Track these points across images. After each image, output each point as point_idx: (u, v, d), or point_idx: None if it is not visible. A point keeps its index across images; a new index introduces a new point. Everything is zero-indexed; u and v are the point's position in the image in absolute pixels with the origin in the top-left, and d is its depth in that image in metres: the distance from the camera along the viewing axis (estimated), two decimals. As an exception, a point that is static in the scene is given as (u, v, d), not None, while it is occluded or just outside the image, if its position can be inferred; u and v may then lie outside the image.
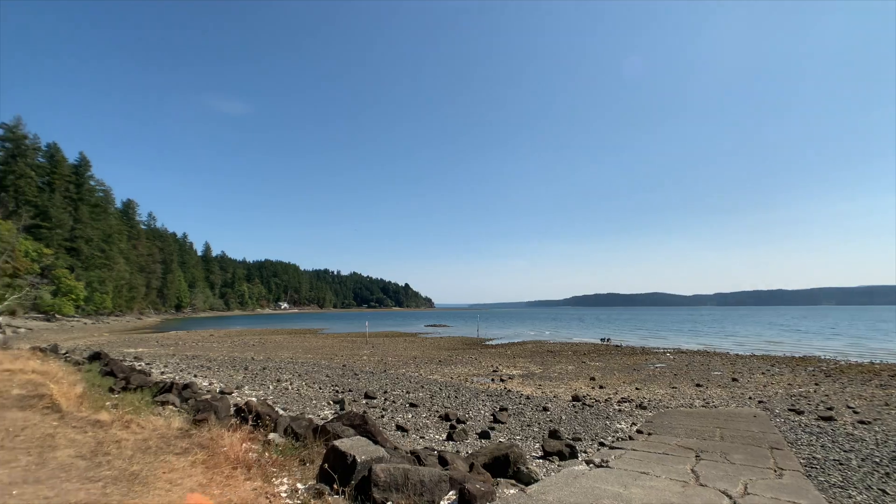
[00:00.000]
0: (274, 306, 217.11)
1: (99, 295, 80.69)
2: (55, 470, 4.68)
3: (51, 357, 14.57)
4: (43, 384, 8.41)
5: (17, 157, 73.77)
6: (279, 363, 25.44)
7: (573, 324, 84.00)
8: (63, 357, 16.33)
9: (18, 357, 12.52)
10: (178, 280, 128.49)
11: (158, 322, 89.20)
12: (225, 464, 5.00)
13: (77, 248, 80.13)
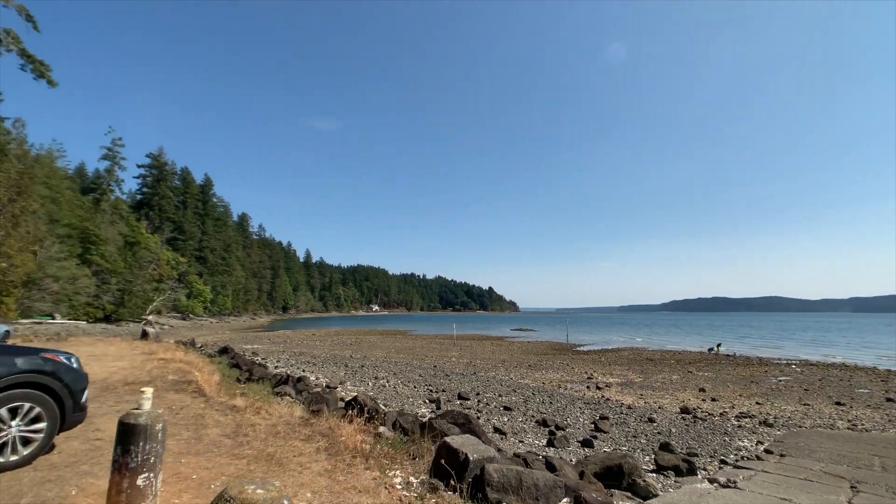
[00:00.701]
0: (366, 308, 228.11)
1: (221, 297, 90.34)
2: (208, 445, 5.32)
3: (190, 350, 16.65)
4: (189, 372, 9.61)
5: (160, 182, 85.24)
6: (375, 362, 26.64)
7: (670, 330, 78.13)
8: (199, 350, 18.59)
9: (168, 349, 14.45)
10: (284, 284, 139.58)
11: (268, 322, 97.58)
12: (345, 452, 5.31)
13: (204, 256, 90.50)
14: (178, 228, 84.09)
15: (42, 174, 48.51)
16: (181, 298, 72.79)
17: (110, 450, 5.08)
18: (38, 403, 4.49)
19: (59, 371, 4.68)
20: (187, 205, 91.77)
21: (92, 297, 52.45)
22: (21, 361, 4.47)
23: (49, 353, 4.77)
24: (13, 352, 4.57)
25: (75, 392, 4.79)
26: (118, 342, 17.66)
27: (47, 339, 17.48)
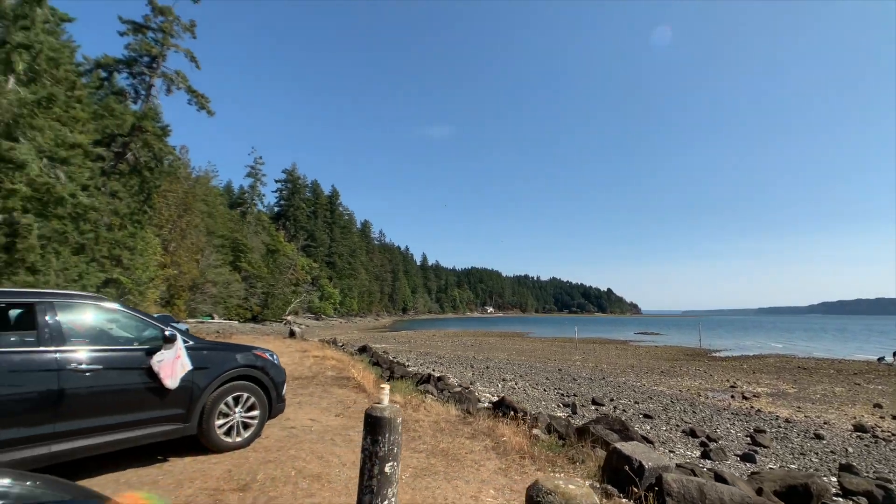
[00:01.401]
0: (481, 310, 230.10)
1: (348, 299, 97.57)
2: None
3: (335, 348, 18.02)
4: (344, 369, 10.27)
5: (294, 194, 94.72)
6: (498, 363, 26.60)
7: (817, 336, 66.92)
8: (340, 348, 20.08)
9: (317, 347, 15.74)
10: (403, 287, 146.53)
11: (391, 322, 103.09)
12: (512, 452, 5.14)
13: (333, 261, 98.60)
14: (310, 236, 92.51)
15: (201, 193, 56.47)
16: (314, 300, 79.95)
17: (306, 437, 5.53)
18: (253, 393, 5.21)
19: (266, 366, 5.38)
20: (318, 214, 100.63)
21: (242, 299, 59.79)
22: (240, 357, 5.20)
23: (258, 350, 5.51)
24: (233, 348, 5.33)
25: (278, 385, 5.47)
26: (272, 340, 19.81)
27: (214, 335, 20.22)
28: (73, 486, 1.93)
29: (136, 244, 29.28)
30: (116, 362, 4.17)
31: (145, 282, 32.17)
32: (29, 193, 13.52)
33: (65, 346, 3.94)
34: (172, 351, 4.46)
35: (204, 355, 4.83)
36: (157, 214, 41.54)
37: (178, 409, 4.54)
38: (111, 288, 25.77)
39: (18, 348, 3.79)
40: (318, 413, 6.80)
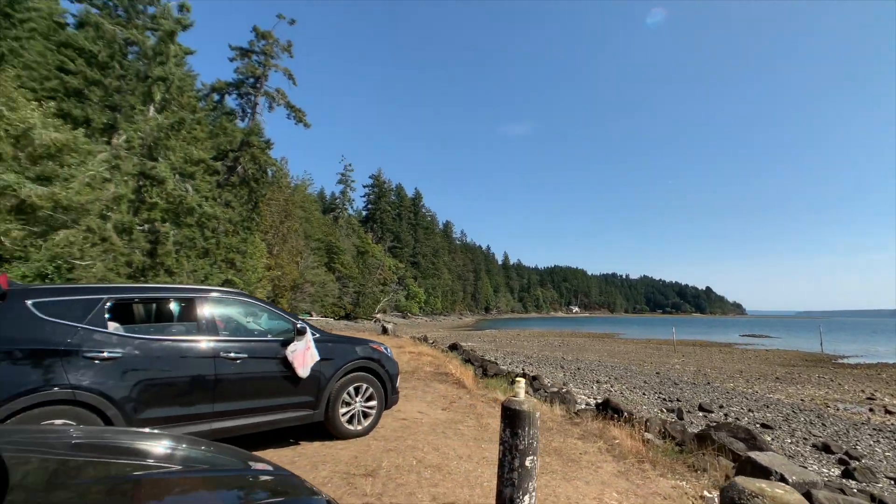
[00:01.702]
0: (565, 310, 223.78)
1: (433, 298, 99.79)
2: (495, 435, 5.62)
3: (426, 345, 18.63)
4: (441, 365, 10.62)
5: (381, 198, 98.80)
6: (589, 365, 25.81)
7: None
8: (432, 345, 20.72)
9: (411, 343, 16.38)
10: (485, 286, 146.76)
11: (474, 321, 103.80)
12: (629, 456, 5.04)
13: (417, 262, 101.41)
14: (396, 238, 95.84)
15: (299, 200, 60.66)
16: (401, 299, 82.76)
17: (418, 428, 5.85)
18: (371, 385, 5.60)
19: (381, 359, 5.75)
20: (402, 216, 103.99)
21: (336, 298, 63.38)
22: (359, 349, 5.60)
23: (374, 344, 5.89)
24: (352, 341, 5.75)
25: (392, 377, 5.82)
26: (368, 336, 20.89)
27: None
28: (241, 452, 2.14)
29: (246, 248, 32.25)
30: (258, 352, 4.68)
31: (254, 282, 35.28)
32: (165, 206, 15.56)
33: (218, 336, 4.50)
34: (303, 342, 4.90)
35: (329, 347, 5.24)
36: (262, 221, 45.21)
37: (309, 396, 4.98)
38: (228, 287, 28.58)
39: (184, 336, 4.39)
40: (425, 406, 7.13)
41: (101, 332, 3.87)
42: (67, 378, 3.55)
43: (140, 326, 4.62)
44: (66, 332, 3.69)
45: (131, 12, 23.17)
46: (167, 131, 15.52)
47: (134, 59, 21.72)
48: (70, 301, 3.84)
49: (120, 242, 13.36)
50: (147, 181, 14.95)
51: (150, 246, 14.85)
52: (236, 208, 33.28)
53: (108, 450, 1.83)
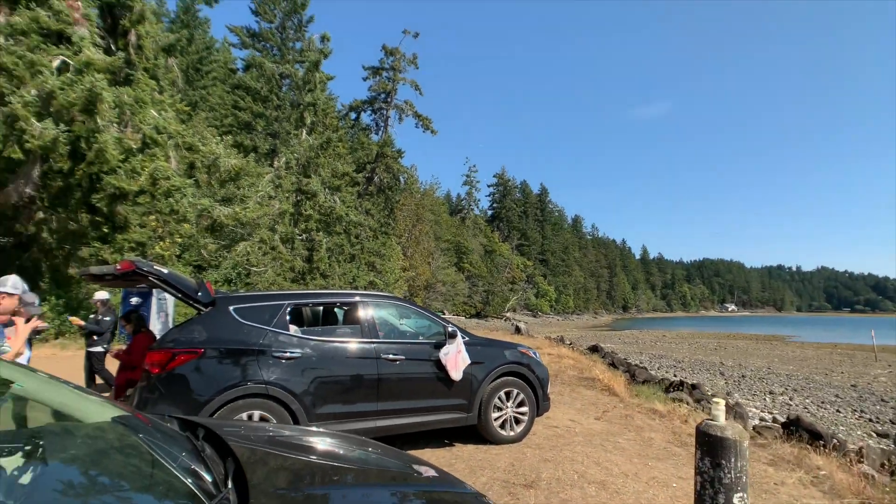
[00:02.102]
0: (719, 308, 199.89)
1: (564, 297, 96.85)
2: (663, 452, 5.12)
3: (563, 346, 17.98)
4: (585, 369, 10.08)
5: (506, 196, 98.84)
6: (757, 372, 22.62)
7: None
8: (570, 346, 19.96)
9: (548, 344, 15.92)
10: (622, 283, 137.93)
11: (610, 321, 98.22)
12: (847, 494, 4.14)
13: (546, 259, 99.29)
14: (522, 235, 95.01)
15: (429, 203, 63.30)
16: (531, 298, 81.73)
17: (572, 438, 5.54)
18: (522, 390, 5.45)
19: (531, 363, 5.59)
20: (528, 213, 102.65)
21: (466, 297, 64.84)
22: (508, 353, 5.50)
23: (523, 348, 5.75)
24: (501, 345, 5.67)
25: (543, 383, 5.62)
26: (502, 335, 20.84)
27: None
28: (405, 455, 2.20)
29: (385, 252, 34.58)
30: (414, 354, 4.85)
31: (392, 283, 37.69)
32: (318, 216, 17.33)
33: (378, 338, 4.75)
34: (455, 345, 4.94)
35: (479, 350, 5.22)
36: (397, 225, 48.17)
37: (462, 399, 5.02)
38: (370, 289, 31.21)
39: (349, 338, 4.69)
40: (575, 414, 6.77)
41: (284, 334, 4.33)
42: (261, 375, 4.04)
43: (312, 329, 5.03)
44: (258, 335, 4.20)
45: (283, 50, 26.38)
46: (317, 151, 17.31)
47: (287, 90, 24.74)
48: (260, 307, 4.37)
49: (285, 251, 15.27)
50: (303, 196, 16.85)
51: (308, 253, 16.75)
52: (375, 215, 35.98)
53: (297, 447, 2.01)
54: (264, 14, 28.31)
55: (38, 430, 1.42)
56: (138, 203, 11.96)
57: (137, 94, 11.02)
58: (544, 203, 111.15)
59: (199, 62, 42.83)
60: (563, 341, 22.31)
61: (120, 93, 10.42)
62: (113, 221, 12.47)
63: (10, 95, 9.20)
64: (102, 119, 9.60)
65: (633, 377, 12.66)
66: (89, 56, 9.64)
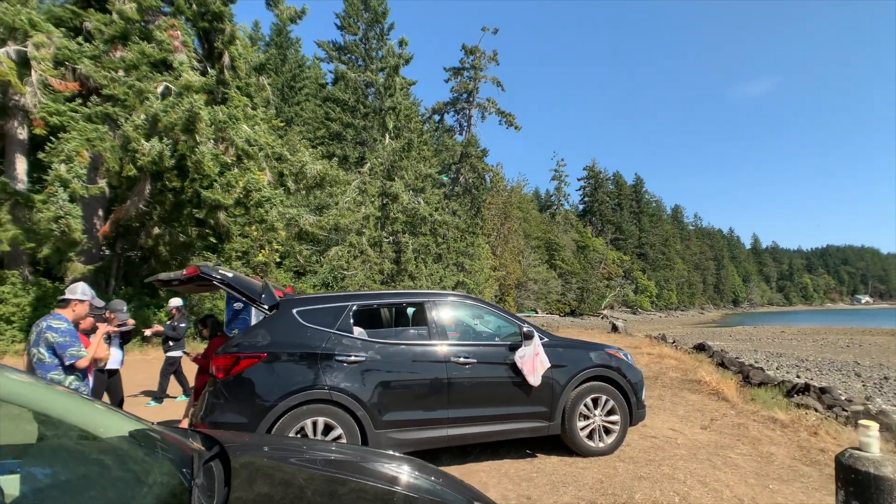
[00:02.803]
0: (850, 300, 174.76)
1: (666, 292, 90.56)
2: (786, 471, 4.39)
3: (664, 344, 16.63)
4: (689, 370, 9.14)
5: (597, 189, 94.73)
6: (905, 374, 19.23)
7: None
8: (672, 345, 18.43)
9: (648, 343, 14.80)
10: (731, 275, 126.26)
11: (719, 317, 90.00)
12: None
13: (644, 253, 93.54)
14: (617, 229, 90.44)
15: (516, 201, 62.49)
16: (629, 294, 77.47)
17: (673, 451, 4.97)
18: (612, 396, 4.92)
19: (622, 367, 5.03)
20: (622, 206, 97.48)
21: (559, 294, 63.06)
22: (594, 355, 5.00)
23: (611, 349, 5.20)
24: (585, 346, 5.17)
25: (636, 388, 5.04)
26: (597, 334, 19.82)
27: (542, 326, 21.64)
28: (469, 488, 2.02)
29: (473, 251, 34.64)
30: (487, 356, 4.54)
31: (482, 282, 37.64)
32: (404, 218, 17.76)
33: (448, 340, 4.50)
34: (532, 347, 4.57)
35: (560, 353, 4.80)
36: (485, 225, 48.15)
37: (542, 406, 4.63)
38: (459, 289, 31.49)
39: (416, 341, 4.50)
40: (677, 422, 6.05)
41: (348, 336, 4.24)
42: (325, 379, 3.96)
43: (378, 331, 4.92)
44: (321, 338, 4.14)
45: (367, 60, 27.48)
46: (399, 154, 17.77)
47: (373, 98, 25.77)
48: (324, 308, 4.31)
49: (373, 253, 15.85)
50: (387, 199, 17.38)
51: (395, 255, 17.25)
52: (461, 216, 36.24)
53: (355, 468, 1.91)
54: (348, 27, 29.73)
55: (45, 445, 1.44)
56: (236, 215, 13.08)
57: (231, 112, 12.01)
58: (640, 194, 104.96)
59: (292, 80, 46.16)
60: (666, 339, 20.57)
61: (215, 111, 11.42)
62: (218, 233, 13.78)
63: (124, 121, 10.46)
64: (201, 136, 10.56)
65: (747, 379, 11.28)
66: (187, 79, 10.68)
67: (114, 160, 10.71)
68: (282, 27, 49.09)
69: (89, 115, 10.88)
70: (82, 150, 10.71)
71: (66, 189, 10.59)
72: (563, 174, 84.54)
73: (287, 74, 46.02)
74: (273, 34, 48.41)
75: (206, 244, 14.56)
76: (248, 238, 15.16)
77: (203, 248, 14.50)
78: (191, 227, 13.76)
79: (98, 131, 10.75)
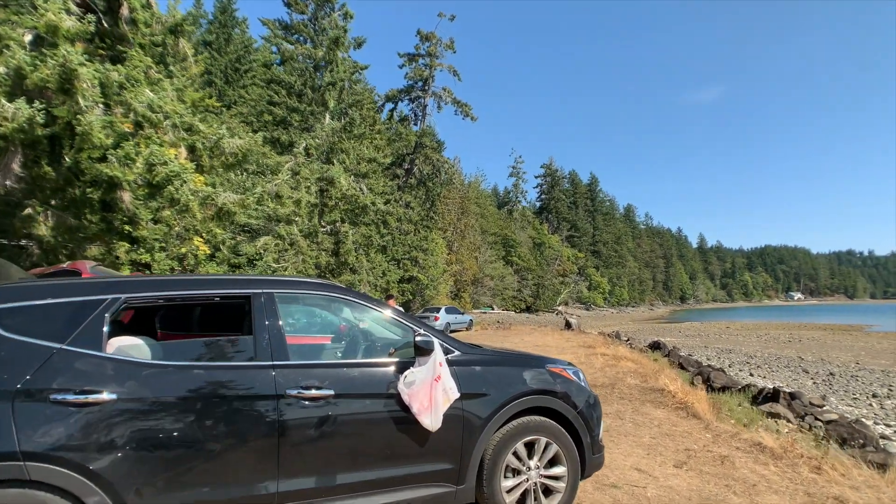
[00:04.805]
0: (784, 297, 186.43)
1: (618, 289, 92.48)
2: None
3: (619, 343, 15.80)
4: (647, 375, 8.07)
5: (554, 187, 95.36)
6: (845, 368, 19.56)
7: None
8: (627, 344, 17.63)
9: (602, 342, 13.86)
10: (679, 273, 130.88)
11: (668, 313, 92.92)
12: None
13: (598, 250, 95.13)
14: (572, 227, 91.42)
15: (473, 196, 61.68)
16: (583, 290, 78.39)
17: None
18: (554, 438, 3.26)
19: (570, 392, 3.39)
20: (578, 204, 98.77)
21: (515, 291, 62.80)
22: (530, 376, 3.31)
23: (555, 366, 3.53)
24: (517, 362, 3.47)
25: (591, 423, 3.42)
26: (550, 332, 18.86)
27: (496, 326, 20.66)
28: None
29: (428, 246, 33.19)
30: (352, 385, 2.79)
31: (437, 277, 36.32)
32: (344, 206, 16.09)
33: (285, 358, 2.71)
34: (428, 367, 2.83)
35: (476, 374, 3.12)
36: (440, 219, 46.81)
37: (445, 462, 2.94)
38: (410, 284, 30.02)
39: (231, 361, 2.81)
40: (643, 455, 4.66)
41: (89, 356, 2.37)
42: (19, 438, 2.11)
43: (158, 345, 2.99)
44: (30, 359, 2.29)
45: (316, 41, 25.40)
46: (339, 135, 16.08)
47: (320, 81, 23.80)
48: (49, 306, 2.44)
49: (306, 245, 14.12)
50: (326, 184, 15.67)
51: (334, 246, 15.57)
52: (415, 208, 34.71)
53: None
54: (295, 5, 27.48)
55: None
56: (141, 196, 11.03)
57: (129, 73, 10.03)
58: (594, 193, 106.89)
59: (237, 61, 43.03)
60: (620, 337, 19.67)
61: (108, 70, 9.43)
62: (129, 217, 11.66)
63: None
64: (84, 99, 8.60)
65: (709, 382, 10.44)
66: (50, 19, 8.51)
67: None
68: (226, 5, 45.87)
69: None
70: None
71: None
72: (520, 171, 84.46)
73: (231, 55, 42.90)
74: (217, 12, 45.10)
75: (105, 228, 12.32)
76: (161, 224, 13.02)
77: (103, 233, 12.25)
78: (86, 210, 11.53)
79: (-56, 86, 8.59)
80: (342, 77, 18.34)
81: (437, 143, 40.32)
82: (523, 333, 17.82)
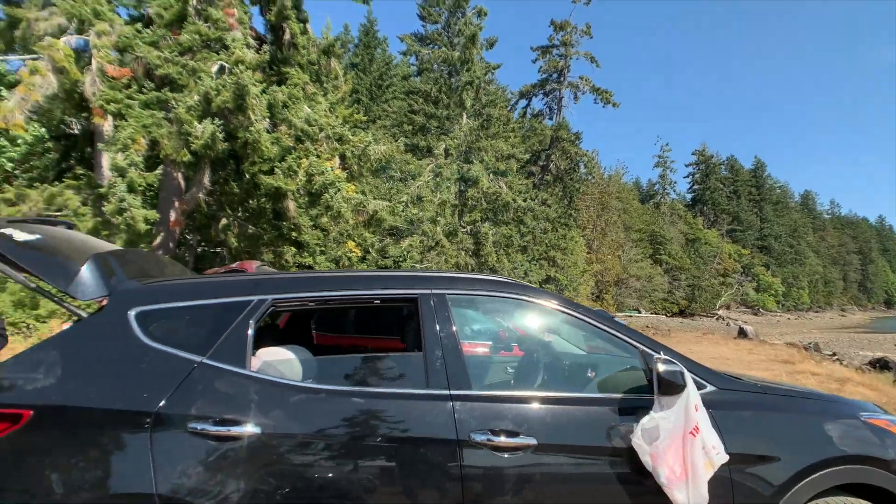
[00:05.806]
0: None
1: (795, 290, 79.01)
2: None
3: (822, 357, 12.78)
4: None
5: (708, 176, 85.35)
6: None
7: None
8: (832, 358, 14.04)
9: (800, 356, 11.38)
10: (881, 270, 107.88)
11: (867, 320, 76.77)
12: None
13: (767, 245, 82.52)
14: (734, 219, 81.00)
15: (615, 190, 57.84)
16: (749, 292, 68.59)
17: None
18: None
19: None
20: (739, 193, 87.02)
21: (666, 292, 57.30)
22: (836, 431, 2.20)
23: (874, 417, 2.36)
24: (810, 405, 2.38)
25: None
26: (722, 341, 16.20)
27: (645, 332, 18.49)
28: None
29: (566, 245, 31.83)
30: (559, 432, 1.99)
31: (577, 278, 34.61)
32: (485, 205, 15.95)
33: (468, 387, 2.04)
34: (678, 411, 1.90)
35: (750, 423, 2.15)
36: (579, 216, 44.69)
37: None
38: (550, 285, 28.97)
39: (398, 388, 2.17)
40: None
41: (233, 374, 2.00)
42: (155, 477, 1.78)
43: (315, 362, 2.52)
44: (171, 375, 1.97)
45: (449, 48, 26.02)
46: (478, 134, 16.00)
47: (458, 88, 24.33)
48: (193, 308, 2.11)
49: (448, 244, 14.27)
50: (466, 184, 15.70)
51: (474, 246, 15.52)
52: (552, 206, 33.50)
53: None
54: (429, 16, 28.47)
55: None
56: (303, 204, 12.19)
57: (291, 91, 11.09)
58: (761, 180, 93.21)
59: (379, 78, 46.45)
60: (820, 349, 15.36)
61: (273, 92, 10.54)
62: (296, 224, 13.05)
63: (177, 104, 9.86)
64: (254, 115, 9.67)
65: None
66: (238, 55, 9.83)
67: (170, 146, 10.22)
68: (368, 27, 49.79)
69: (146, 102, 10.53)
70: (139, 138, 10.33)
71: (123, 178, 10.24)
72: (667, 160, 77.15)
73: (374, 73, 46.42)
74: (361, 35, 49.20)
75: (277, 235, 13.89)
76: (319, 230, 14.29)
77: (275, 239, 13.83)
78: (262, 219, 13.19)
79: (154, 117, 10.34)
80: (478, 76, 18.35)
81: (574, 135, 38.50)
82: (688, 342, 15.18)
